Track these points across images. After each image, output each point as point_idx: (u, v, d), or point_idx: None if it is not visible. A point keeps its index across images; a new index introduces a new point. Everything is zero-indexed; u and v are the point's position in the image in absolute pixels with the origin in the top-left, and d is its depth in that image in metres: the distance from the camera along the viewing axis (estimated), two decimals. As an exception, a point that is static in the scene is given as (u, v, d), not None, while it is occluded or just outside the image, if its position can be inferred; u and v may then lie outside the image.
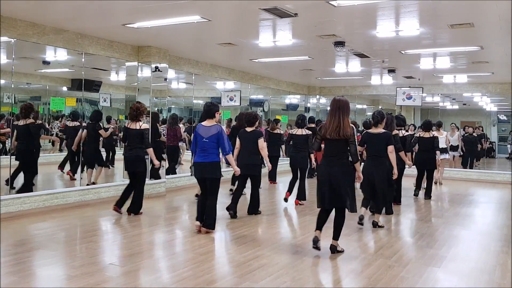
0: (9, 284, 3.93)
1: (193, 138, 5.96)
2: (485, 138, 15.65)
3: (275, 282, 4.16)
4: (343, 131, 4.81)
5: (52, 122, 11.44)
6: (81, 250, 5.25)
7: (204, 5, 5.76)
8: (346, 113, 4.92)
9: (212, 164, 5.74)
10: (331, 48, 7.90)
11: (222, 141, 5.73)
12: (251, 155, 6.92)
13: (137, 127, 6.70)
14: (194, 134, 5.92)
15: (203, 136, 5.74)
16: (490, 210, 8.78)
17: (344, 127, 4.82)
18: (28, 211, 6.79)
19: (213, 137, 5.71)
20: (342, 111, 4.88)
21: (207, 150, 5.73)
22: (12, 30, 6.57)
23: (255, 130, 7.02)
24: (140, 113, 6.75)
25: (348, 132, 4.82)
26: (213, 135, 5.71)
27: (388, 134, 6.37)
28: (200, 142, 5.76)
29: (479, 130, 15.24)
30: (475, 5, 5.49)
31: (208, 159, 5.72)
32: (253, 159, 6.94)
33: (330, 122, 4.91)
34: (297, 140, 7.96)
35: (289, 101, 16.55)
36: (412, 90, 12.40)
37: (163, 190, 9.01)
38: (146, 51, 8.62)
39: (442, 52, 8.59)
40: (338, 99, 5.00)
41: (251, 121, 7.06)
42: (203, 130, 5.78)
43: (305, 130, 8.01)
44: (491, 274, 4.61)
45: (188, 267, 4.57)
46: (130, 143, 6.75)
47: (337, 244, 5.11)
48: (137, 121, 6.74)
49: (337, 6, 5.52)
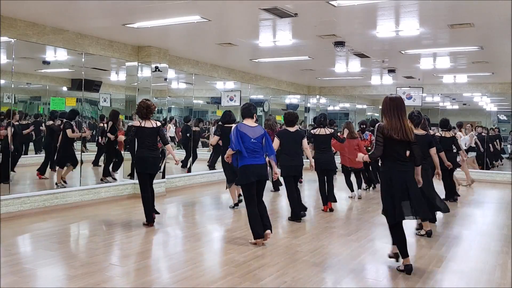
0: (9, 284, 3.93)
1: (235, 137, 5.34)
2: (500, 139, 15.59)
3: (275, 282, 4.16)
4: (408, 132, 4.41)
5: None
6: (81, 250, 5.25)
7: (204, 5, 5.76)
8: (405, 112, 4.48)
9: (266, 166, 5.47)
10: (331, 48, 7.90)
11: (268, 142, 5.47)
12: (297, 156, 6.77)
13: (153, 125, 6.25)
14: (236, 133, 5.35)
15: (250, 137, 5.34)
16: (490, 210, 8.78)
17: (409, 129, 4.44)
18: (28, 211, 6.79)
19: (260, 137, 5.40)
20: (401, 110, 4.43)
21: (258, 151, 5.38)
22: (12, 30, 6.57)
23: (298, 130, 6.87)
24: (151, 111, 6.31)
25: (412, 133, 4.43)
26: (259, 136, 5.40)
27: (431, 135, 6.04)
28: (249, 143, 5.33)
29: (494, 131, 15.19)
30: (475, 5, 5.49)
31: (262, 160, 5.40)
32: (299, 160, 6.81)
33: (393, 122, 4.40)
34: (321, 140, 7.42)
35: (289, 101, 16.55)
36: (412, 90, 12.39)
37: (163, 190, 9.01)
38: (146, 51, 8.62)
39: (442, 52, 8.59)
40: (393, 97, 4.52)
41: (293, 121, 6.87)
42: (249, 130, 5.36)
43: (327, 129, 7.53)
44: (491, 274, 4.61)
45: (188, 267, 4.57)
46: (145, 142, 6.23)
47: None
48: (148, 119, 6.28)
49: (337, 6, 5.52)
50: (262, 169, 5.39)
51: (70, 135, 8.23)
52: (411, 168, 4.50)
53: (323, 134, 7.42)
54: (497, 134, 15.23)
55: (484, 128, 14.38)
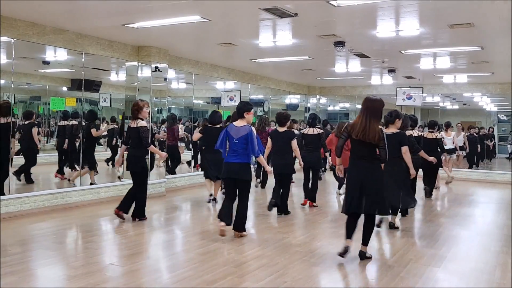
0: (9, 284, 3.93)
1: (220, 137, 5.74)
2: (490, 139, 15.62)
3: (275, 282, 4.16)
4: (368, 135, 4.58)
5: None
6: (81, 250, 5.25)
7: (204, 5, 5.76)
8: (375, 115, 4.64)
9: (241, 165, 5.58)
10: (331, 48, 7.90)
11: (251, 142, 5.54)
12: (285, 155, 7.02)
13: (135, 125, 6.32)
14: (224, 132, 5.73)
15: (233, 137, 5.59)
16: (490, 210, 8.78)
17: (370, 130, 4.58)
18: (28, 211, 6.78)
19: (242, 138, 5.54)
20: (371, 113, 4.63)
21: (237, 151, 5.56)
22: (12, 30, 6.57)
23: (287, 130, 7.07)
24: (136, 109, 6.33)
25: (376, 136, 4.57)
26: (242, 136, 5.54)
27: (402, 134, 6.14)
28: (231, 143, 5.62)
29: (484, 131, 15.22)
30: (475, 5, 5.49)
31: (237, 159, 5.56)
32: (286, 159, 7.04)
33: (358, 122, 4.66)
34: (309, 140, 7.76)
35: (289, 101, 16.55)
36: (412, 90, 12.39)
37: (163, 190, 9.01)
38: (146, 51, 8.61)
39: (442, 52, 8.59)
40: (369, 99, 4.75)
41: (282, 121, 7.11)
42: (234, 130, 5.62)
43: (316, 129, 7.84)
44: (491, 274, 4.61)
45: (188, 267, 4.57)
46: (131, 141, 6.39)
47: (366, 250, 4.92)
48: (136, 119, 6.36)
49: (337, 6, 5.51)
50: (236, 167, 5.57)
51: (95, 134, 8.46)
52: (372, 166, 4.67)
53: (311, 134, 7.75)
54: (489, 134, 15.23)
55: (479, 129, 14.42)
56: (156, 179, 8.94)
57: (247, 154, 5.59)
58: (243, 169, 5.58)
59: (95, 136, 8.60)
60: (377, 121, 4.66)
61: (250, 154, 5.61)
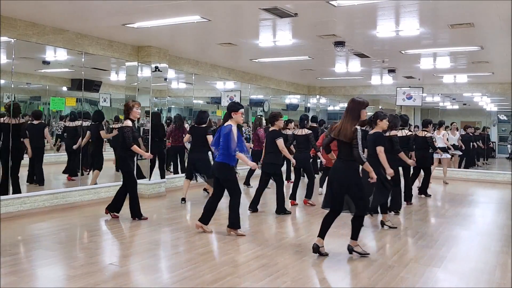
0: (9, 284, 3.94)
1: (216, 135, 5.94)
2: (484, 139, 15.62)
3: (275, 282, 4.16)
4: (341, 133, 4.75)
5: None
6: (81, 250, 5.25)
7: (204, 5, 5.76)
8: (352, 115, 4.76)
9: (219, 164, 5.71)
10: (331, 48, 7.90)
11: (223, 141, 5.63)
12: (270, 154, 7.17)
13: (119, 125, 6.47)
14: (217, 132, 5.94)
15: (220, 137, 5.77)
16: (490, 210, 8.78)
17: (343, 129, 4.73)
18: (28, 211, 6.79)
19: (224, 137, 5.65)
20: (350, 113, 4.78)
21: (220, 150, 5.73)
22: (12, 30, 6.57)
23: (274, 130, 7.18)
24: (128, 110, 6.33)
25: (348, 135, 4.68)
26: (224, 135, 5.66)
27: (378, 134, 6.21)
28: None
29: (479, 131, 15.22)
30: (475, 5, 5.49)
31: (218, 158, 5.74)
32: (271, 157, 7.16)
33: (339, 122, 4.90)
34: (298, 140, 8.02)
35: (289, 101, 16.55)
36: (412, 90, 12.40)
37: (163, 190, 9.00)
38: (146, 51, 8.61)
39: (442, 52, 8.59)
40: (351, 100, 4.90)
41: (270, 120, 7.29)
42: (221, 130, 5.76)
43: (305, 130, 8.04)
44: (491, 274, 4.61)
45: (188, 267, 4.56)
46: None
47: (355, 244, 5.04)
48: (125, 119, 6.40)
49: (337, 6, 5.51)
50: (215, 166, 5.84)
51: (104, 136, 8.54)
52: (344, 166, 4.78)
53: (300, 135, 7.99)
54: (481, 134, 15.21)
55: (475, 129, 14.41)
56: (156, 179, 8.94)
57: (229, 154, 5.65)
58: (220, 168, 5.72)
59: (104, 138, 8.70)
60: (354, 121, 4.75)
61: (232, 153, 5.67)
